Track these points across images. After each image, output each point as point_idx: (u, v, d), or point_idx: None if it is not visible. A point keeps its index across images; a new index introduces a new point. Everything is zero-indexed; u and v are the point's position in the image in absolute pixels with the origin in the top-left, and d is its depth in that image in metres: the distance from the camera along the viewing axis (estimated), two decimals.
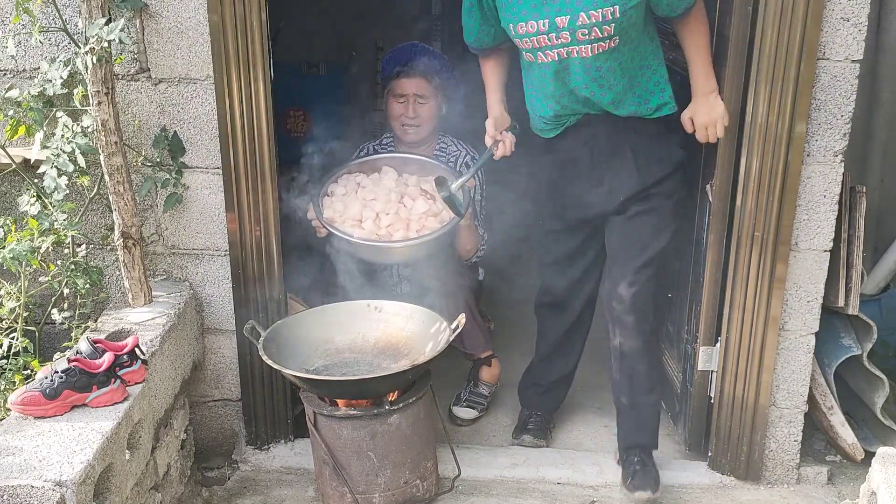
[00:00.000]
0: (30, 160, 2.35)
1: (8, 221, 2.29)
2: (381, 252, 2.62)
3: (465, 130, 3.06)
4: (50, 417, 1.91)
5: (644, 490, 2.41)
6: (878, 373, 2.61)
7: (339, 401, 2.38)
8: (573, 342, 2.78)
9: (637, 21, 2.16)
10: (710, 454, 2.64)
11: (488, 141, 2.49)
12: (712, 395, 2.60)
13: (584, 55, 2.17)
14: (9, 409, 1.94)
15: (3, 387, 2.17)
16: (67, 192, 2.25)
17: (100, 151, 2.22)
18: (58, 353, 2.26)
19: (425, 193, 2.68)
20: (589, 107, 2.32)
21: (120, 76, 2.35)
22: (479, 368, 3.04)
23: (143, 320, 2.31)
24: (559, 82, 2.27)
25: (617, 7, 2.09)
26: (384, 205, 2.64)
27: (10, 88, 2.31)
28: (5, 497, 1.66)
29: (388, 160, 2.89)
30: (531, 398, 2.85)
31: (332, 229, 2.62)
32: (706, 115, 2.25)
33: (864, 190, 2.54)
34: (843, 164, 2.34)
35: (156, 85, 2.38)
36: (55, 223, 2.26)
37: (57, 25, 2.25)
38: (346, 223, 2.63)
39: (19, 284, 2.30)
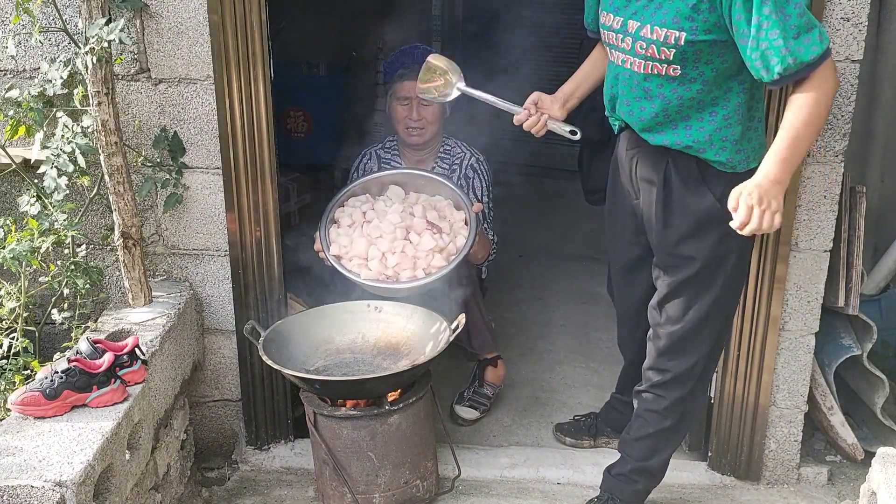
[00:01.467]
0: (30, 160, 2.35)
1: (8, 221, 2.29)
2: (389, 293, 2.59)
3: (469, 133, 3.07)
4: (50, 418, 1.91)
5: None
6: (878, 373, 2.61)
7: (339, 401, 2.39)
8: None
9: (714, 61, 1.91)
10: (710, 454, 2.64)
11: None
12: (712, 395, 2.60)
13: (635, 69, 1.99)
14: (9, 410, 1.94)
15: (3, 387, 2.17)
16: (67, 192, 2.24)
17: (100, 152, 2.22)
18: (58, 353, 2.26)
19: (431, 227, 2.64)
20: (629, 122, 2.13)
21: (120, 76, 2.35)
22: (485, 369, 3.03)
23: (143, 320, 2.31)
24: (613, 85, 2.12)
25: (683, 34, 1.87)
26: (390, 243, 2.58)
27: (10, 88, 2.31)
28: (5, 497, 1.66)
29: (393, 177, 2.83)
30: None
31: (339, 267, 2.57)
32: (752, 203, 1.84)
33: (864, 190, 2.54)
34: (843, 164, 2.34)
35: (156, 85, 2.39)
36: (55, 223, 2.26)
37: (57, 25, 2.25)
38: (353, 261, 2.59)
39: (19, 284, 2.30)
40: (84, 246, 2.41)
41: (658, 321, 2.23)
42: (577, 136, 2.25)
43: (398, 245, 2.58)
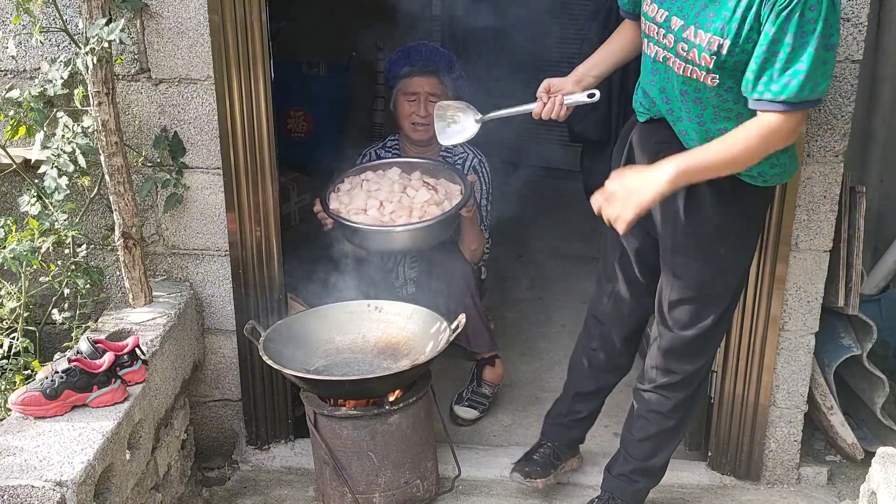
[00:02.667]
0: (30, 160, 2.35)
1: (8, 222, 2.29)
2: (384, 237, 2.61)
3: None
4: (50, 417, 1.92)
5: None
6: (878, 373, 2.61)
7: (339, 401, 2.39)
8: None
9: None
10: (710, 454, 2.64)
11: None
12: (712, 395, 2.60)
13: (677, 70, 1.91)
14: (9, 410, 1.94)
15: (3, 387, 2.17)
16: (68, 192, 2.25)
17: (100, 152, 2.22)
18: (58, 353, 2.26)
19: (427, 185, 2.72)
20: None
21: (120, 76, 2.36)
22: (483, 368, 3.04)
23: (143, 320, 2.31)
24: (651, 78, 2.04)
25: (727, 43, 1.78)
26: (388, 194, 2.68)
27: (10, 89, 2.31)
28: (6, 497, 1.66)
29: (395, 164, 2.89)
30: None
31: (336, 217, 2.63)
32: (628, 186, 1.86)
33: (864, 190, 2.53)
34: (842, 164, 2.34)
35: (156, 85, 2.39)
36: (56, 223, 2.26)
37: (57, 26, 2.25)
38: (351, 213, 2.65)
39: (20, 284, 2.31)
40: (84, 246, 2.41)
41: (667, 323, 2.20)
42: (597, 97, 2.17)
43: (396, 196, 2.66)
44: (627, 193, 1.86)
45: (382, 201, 2.65)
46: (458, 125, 2.37)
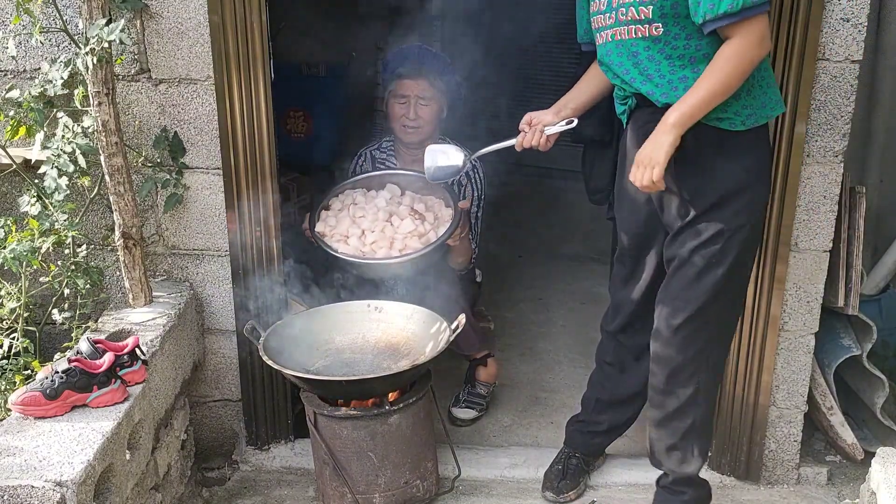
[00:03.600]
0: (30, 160, 2.36)
1: (8, 222, 2.29)
2: (361, 268, 2.65)
3: (466, 134, 3.06)
4: (50, 418, 1.91)
5: None
6: (877, 373, 2.61)
7: (339, 401, 2.39)
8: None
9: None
10: (710, 454, 2.64)
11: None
12: None
13: (623, 37, 2.01)
14: (9, 410, 1.94)
15: (3, 387, 2.17)
16: (68, 192, 2.25)
17: (100, 152, 2.22)
18: (58, 353, 2.26)
19: (414, 213, 2.71)
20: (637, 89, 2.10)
21: (120, 77, 2.36)
22: (476, 369, 3.04)
23: (143, 320, 2.31)
24: (609, 62, 2.11)
25: None
26: (371, 223, 2.68)
27: (10, 89, 2.31)
28: (6, 497, 1.66)
29: (392, 177, 2.88)
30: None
31: (320, 242, 2.66)
32: (643, 152, 1.97)
33: (864, 190, 2.54)
34: (842, 164, 2.34)
35: (156, 85, 2.39)
36: (56, 223, 2.26)
37: (57, 26, 2.26)
38: (334, 238, 2.67)
39: (20, 285, 2.31)
40: (84, 246, 2.41)
41: (663, 300, 2.15)
42: (574, 124, 2.32)
43: (378, 225, 2.67)
44: (648, 157, 1.96)
45: (365, 230, 2.66)
46: (448, 163, 2.52)
